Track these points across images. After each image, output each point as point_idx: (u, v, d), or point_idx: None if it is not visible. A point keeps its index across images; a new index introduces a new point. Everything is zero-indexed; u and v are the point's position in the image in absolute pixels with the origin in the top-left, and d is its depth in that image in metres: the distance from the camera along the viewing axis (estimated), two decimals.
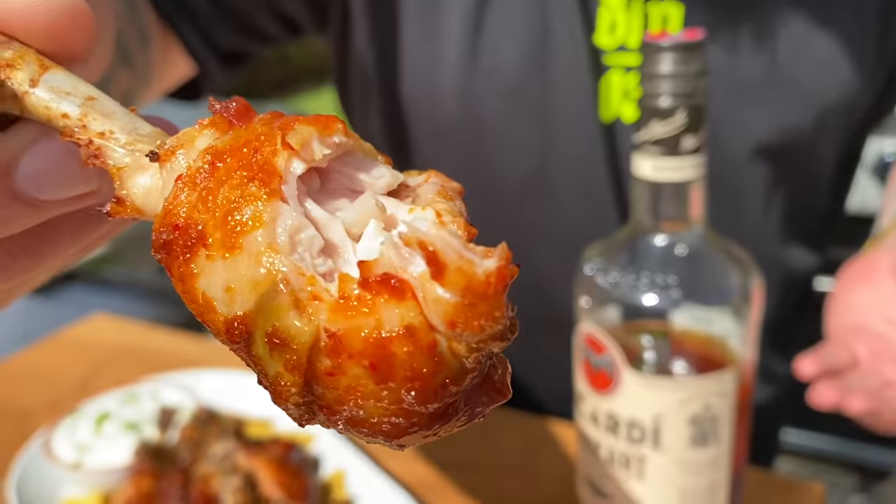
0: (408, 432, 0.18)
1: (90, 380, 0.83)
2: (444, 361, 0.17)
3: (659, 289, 0.41)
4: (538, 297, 0.68)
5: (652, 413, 0.41)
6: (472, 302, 0.17)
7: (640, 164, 0.40)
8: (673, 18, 0.57)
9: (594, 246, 0.44)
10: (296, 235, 0.19)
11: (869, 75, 0.60)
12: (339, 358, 0.17)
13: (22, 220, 0.22)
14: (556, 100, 0.60)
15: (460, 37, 0.61)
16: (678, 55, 0.37)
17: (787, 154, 0.61)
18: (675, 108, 0.38)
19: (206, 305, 0.19)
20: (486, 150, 0.64)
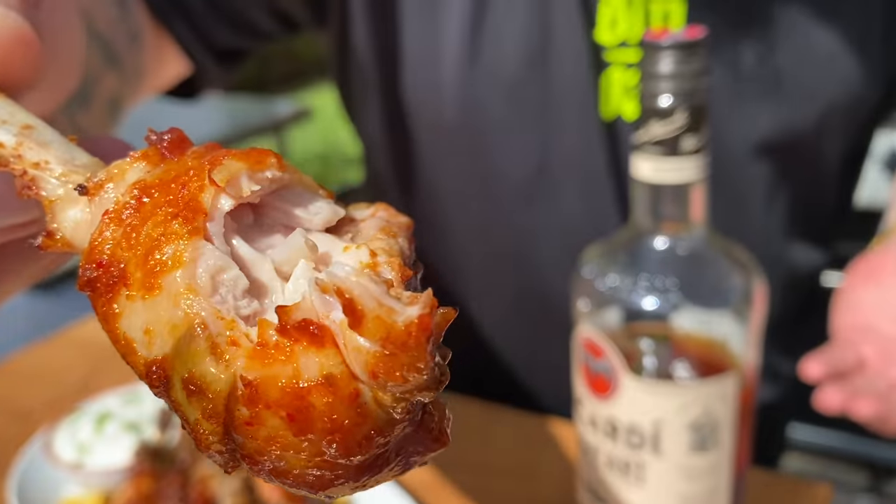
0: (333, 484, 0.17)
1: (91, 379, 0.83)
2: (368, 412, 0.16)
3: (659, 292, 0.40)
4: (539, 296, 0.67)
5: (651, 418, 0.40)
6: (392, 352, 0.16)
7: (640, 165, 0.39)
8: (675, 16, 0.56)
9: (593, 248, 0.43)
10: (217, 276, 0.18)
11: (873, 75, 0.59)
12: (255, 407, 0.17)
13: None
14: (556, 98, 0.59)
15: (460, 35, 0.60)
16: (678, 54, 0.36)
17: (790, 152, 0.60)
18: (675, 108, 0.37)
19: (127, 347, 0.18)
20: (487, 149, 0.63)
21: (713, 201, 0.58)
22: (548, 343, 0.65)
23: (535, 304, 0.66)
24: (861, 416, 0.46)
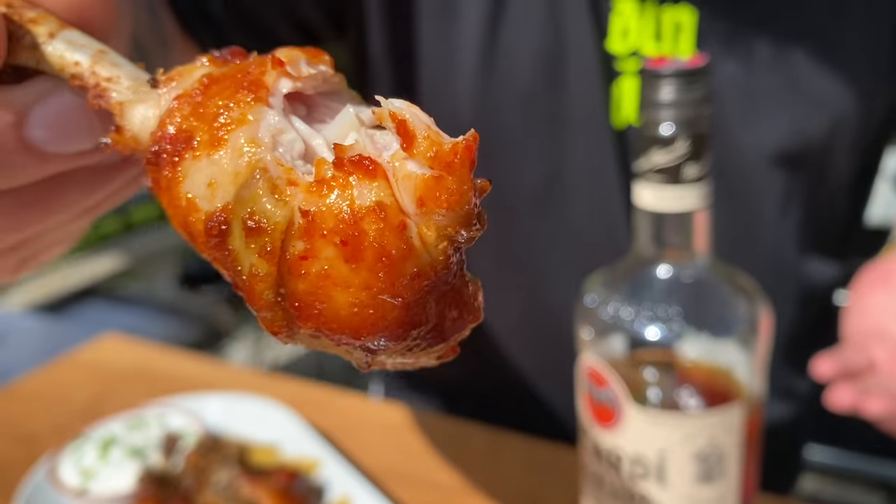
0: (375, 329, 0.17)
1: (98, 403, 0.82)
2: (413, 247, 0.17)
3: (662, 320, 0.40)
4: (549, 305, 0.67)
5: (656, 449, 0.39)
6: (439, 174, 0.17)
7: (642, 193, 0.39)
8: (686, 25, 0.56)
9: (596, 276, 0.43)
10: (278, 136, 0.19)
11: (883, 85, 0.59)
12: (312, 238, 0.17)
13: (31, 170, 0.22)
14: (569, 106, 0.60)
15: (475, 45, 0.61)
16: (680, 82, 0.36)
17: (802, 163, 0.60)
18: (676, 136, 0.37)
19: (189, 207, 0.19)
20: (501, 156, 0.63)
21: (727, 211, 0.58)
22: (558, 355, 0.64)
23: (546, 313, 0.66)
24: (872, 413, 0.45)
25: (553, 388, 0.72)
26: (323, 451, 0.65)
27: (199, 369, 0.89)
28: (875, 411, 0.45)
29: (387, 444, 0.72)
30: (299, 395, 0.80)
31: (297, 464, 0.64)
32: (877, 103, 0.60)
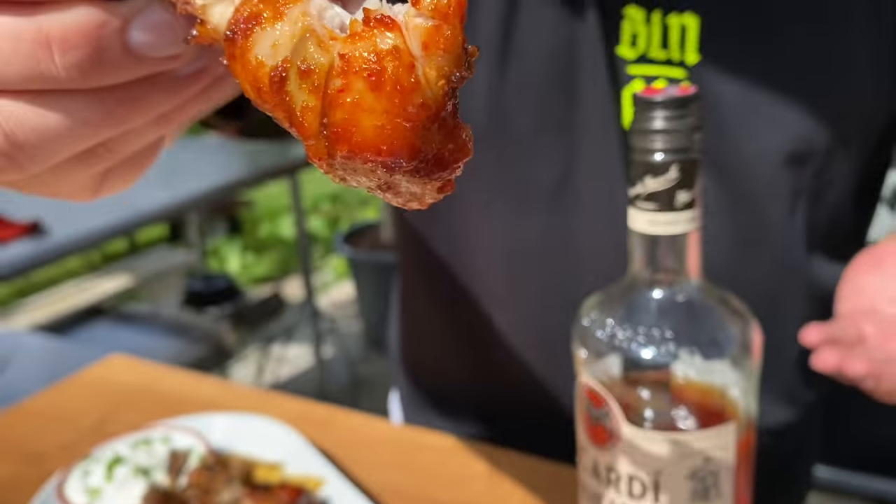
0: (393, 147, 0.24)
1: (105, 423, 0.83)
2: (419, 82, 0.23)
3: (657, 342, 0.41)
4: (564, 296, 0.68)
5: (652, 468, 0.40)
6: (439, 24, 0.23)
7: (635, 218, 0.40)
8: (691, 29, 0.59)
9: (591, 298, 0.44)
10: (323, 12, 0.25)
11: (886, 88, 0.61)
12: (347, 75, 0.23)
13: (129, 70, 0.27)
14: (580, 108, 0.62)
15: (489, 48, 0.63)
16: (671, 110, 0.37)
17: (808, 165, 0.62)
18: (668, 163, 0.38)
19: (258, 65, 0.25)
20: (513, 156, 0.65)
21: (734, 214, 0.60)
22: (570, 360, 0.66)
23: (560, 305, 0.67)
24: (854, 372, 0.46)
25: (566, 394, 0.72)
26: (326, 469, 0.66)
27: (203, 389, 0.90)
28: (858, 370, 0.46)
29: (388, 462, 0.72)
30: (302, 413, 0.81)
31: (301, 481, 0.65)
32: (881, 103, 0.61)
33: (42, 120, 0.27)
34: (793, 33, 0.59)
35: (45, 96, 0.27)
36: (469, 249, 0.73)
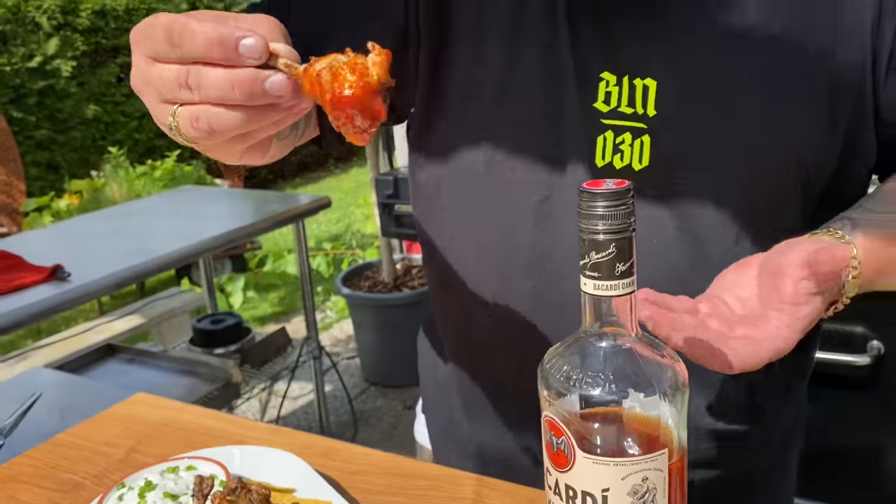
0: (358, 101, 0.50)
1: (133, 454, 0.93)
2: (370, 76, 0.50)
3: (604, 383, 0.50)
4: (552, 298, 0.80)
5: (601, 486, 0.50)
6: (382, 59, 0.52)
7: (585, 282, 0.50)
8: (651, 90, 0.73)
9: (552, 349, 0.54)
10: (336, 59, 0.52)
11: (822, 141, 0.73)
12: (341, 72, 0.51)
13: (263, 99, 0.51)
14: (563, 148, 0.76)
15: (492, 92, 0.78)
16: (610, 201, 0.48)
17: (756, 206, 0.73)
18: (608, 242, 0.48)
19: (317, 77, 0.51)
20: (508, 176, 0.79)
21: (686, 246, 0.74)
22: None
23: (549, 307, 0.79)
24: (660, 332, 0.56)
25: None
26: (333, 495, 0.75)
27: (219, 424, 0.99)
28: (663, 331, 0.55)
29: (386, 489, 0.81)
30: (307, 445, 0.90)
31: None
32: (815, 162, 0.73)
33: (226, 118, 0.52)
34: (735, 94, 0.72)
35: (228, 107, 0.51)
36: (463, 260, 0.86)
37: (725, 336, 0.59)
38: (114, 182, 4.50)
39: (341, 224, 4.98)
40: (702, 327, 0.59)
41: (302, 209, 2.41)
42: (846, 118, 0.72)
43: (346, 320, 4.19)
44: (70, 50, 5.89)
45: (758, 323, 0.61)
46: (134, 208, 2.86)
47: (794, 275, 0.61)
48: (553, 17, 0.75)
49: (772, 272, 0.63)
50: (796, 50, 0.71)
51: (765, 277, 0.63)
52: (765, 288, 0.63)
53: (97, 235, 2.32)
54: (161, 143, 6.68)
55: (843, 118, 0.72)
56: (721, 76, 0.72)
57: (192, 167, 4.78)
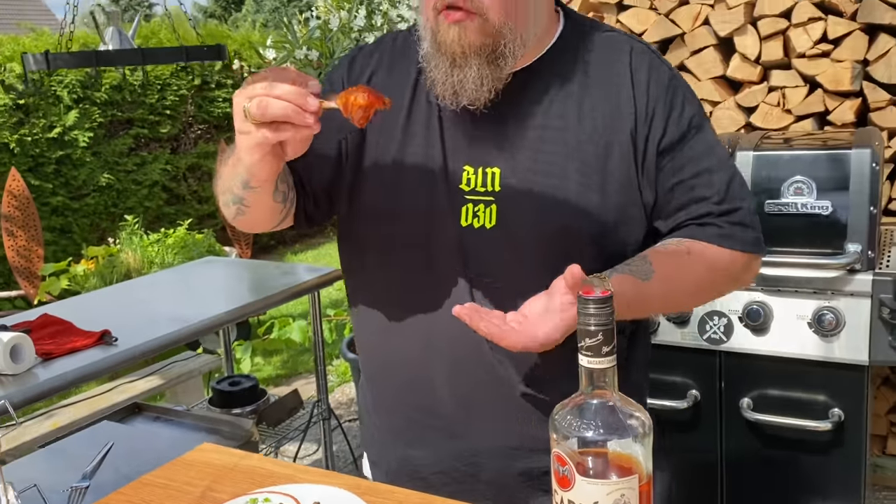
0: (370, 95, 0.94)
1: (210, 492, 1.13)
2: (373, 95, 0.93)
3: (596, 430, 0.73)
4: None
5: (593, 500, 0.72)
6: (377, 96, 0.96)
7: (581, 359, 0.73)
8: (497, 174, 1.10)
9: (559, 405, 0.77)
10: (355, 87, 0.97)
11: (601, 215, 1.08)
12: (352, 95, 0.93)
13: (311, 113, 0.90)
14: (438, 215, 1.12)
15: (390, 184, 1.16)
16: (598, 305, 0.71)
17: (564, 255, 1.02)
18: (597, 331, 0.72)
19: (348, 96, 0.93)
20: (396, 237, 1.16)
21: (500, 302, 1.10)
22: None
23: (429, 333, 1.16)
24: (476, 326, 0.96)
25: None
26: None
27: (276, 468, 1.20)
28: (484, 330, 0.94)
29: None
30: (355, 485, 1.11)
31: None
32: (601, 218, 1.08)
33: (276, 105, 0.89)
34: (549, 177, 1.08)
35: (287, 120, 0.90)
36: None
37: (515, 329, 0.96)
38: (129, 248, 4.72)
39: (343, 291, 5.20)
40: (501, 323, 0.95)
41: (321, 280, 2.64)
42: (620, 200, 1.08)
43: (346, 384, 4.37)
44: (88, 122, 6.19)
45: (538, 321, 0.96)
46: (165, 277, 3.10)
47: (560, 292, 0.94)
48: (429, 128, 1.13)
49: (549, 293, 0.96)
50: (591, 151, 1.08)
51: (546, 295, 0.97)
52: (546, 301, 0.96)
53: (138, 302, 2.54)
54: (169, 210, 6.95)
55: (617, 200, 1.09)
56: (540, 166, 1.09)
57: (202, 235, 5.02)
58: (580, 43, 1.13)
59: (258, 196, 1.08)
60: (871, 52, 2.56)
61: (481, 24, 1.03)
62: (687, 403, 2.33)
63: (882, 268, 2.14)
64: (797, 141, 2.35)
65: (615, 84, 1.10)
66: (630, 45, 1.14)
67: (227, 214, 1.19)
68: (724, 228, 1.09)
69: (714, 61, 2.77)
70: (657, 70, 1.12)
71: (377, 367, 1.29)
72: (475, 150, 1.11)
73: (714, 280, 1.12)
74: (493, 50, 1.04)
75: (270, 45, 2.83)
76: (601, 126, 1.08)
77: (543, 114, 1.10)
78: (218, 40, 5.13)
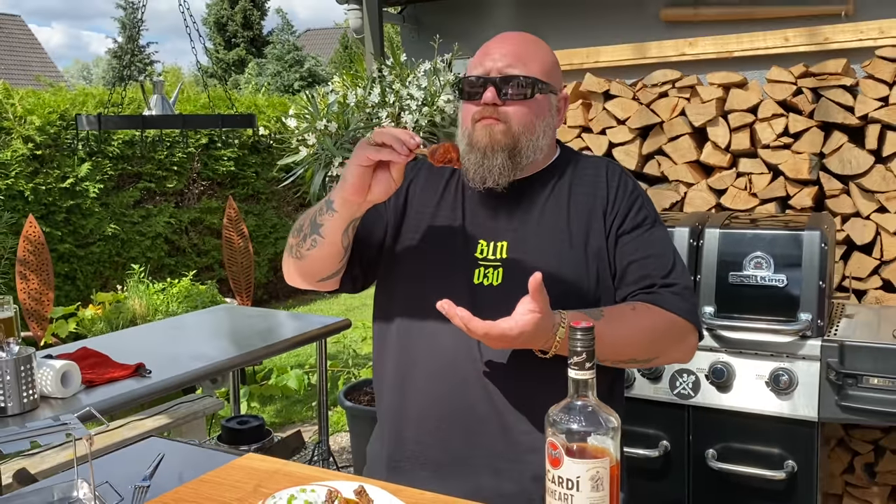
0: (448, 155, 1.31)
1: (260, 488, 1.38)
2: (451, 155, 1.32)
3: (580, 425, 1.00)
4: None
5: (575, 476, 0.98)
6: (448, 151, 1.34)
7: (570, 372, 1.01)
8: (505, 246, 1.45)
9: (554, 406, 1.04)
10: None
11: (582, 278, 1.43)
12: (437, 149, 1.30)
13: (411, 147, 1.26)
14: (456, 272, 1.45)
15: (420, 253, 1.49)
16: (584, 333, 0.99)
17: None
18: (582, 352, 0.99)
19: (439, 148, 1.33)
20: (425, 293, 1.42)
21: None
22: None
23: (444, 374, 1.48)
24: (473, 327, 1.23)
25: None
26: None
27: (314, 473, 1.45)
28: (474, 326, 1.22)
29: None
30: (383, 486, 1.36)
31: None
32: (584, 282, 1.43)
33: (385, 152, 1.25)
34: (544, 251, 1.42)
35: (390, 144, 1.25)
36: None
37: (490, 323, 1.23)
38: (135, 295, 4.95)
39: (339, 344, 5.43)
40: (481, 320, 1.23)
41: (328, 329, 2.90)
42: (596, 268, 1.43)
43: (339, 433, 4.57)
44: (99, 174, 6.49)
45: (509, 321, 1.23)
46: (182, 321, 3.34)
47: (526, 302, 1.23)
48: (454, 210, 1.49)
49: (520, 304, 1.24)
50: (575, 232, 1.44)
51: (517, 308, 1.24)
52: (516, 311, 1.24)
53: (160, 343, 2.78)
54: (170, 261, 7.20)
55: (594, 267, 1.43)
56: (538, 242, 1.44)
57: (205, 286, 5.26)
58: (571, 162, 1.55)
59: (335, 223, 1.37)
60: (827, 146, 2.92)
61: (505, 128, 1.43)
62: (658, 452, 2.58)
63: (830, 335, 2.43)
64: (761, 222, 2.67)
65: (594, 188, 1.49)
66: (606, 163, 1.54)
67: (295, 254, 1.47)
68: (664, 296, 1.41)
69: (689, 148, 3.11)
70: (625, 182, 1.51)
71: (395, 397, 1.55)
72: (489, 229, 1.47)
73: (655, 331, 1.39)
74: (513, 148, 1.43)
75: (293, 115, 3.15)
76: (584, 214, 1.46)
77: (542, 205, 1.48)
78: (225, 102, 5.45)
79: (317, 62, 21.40)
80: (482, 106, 1.42)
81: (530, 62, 1.45)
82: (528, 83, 1.43)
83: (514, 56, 1.44)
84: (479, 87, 1.43)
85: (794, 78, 2.95)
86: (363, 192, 1.29)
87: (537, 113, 1.45)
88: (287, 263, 1.52)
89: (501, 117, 1.42)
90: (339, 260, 1.46)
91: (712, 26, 3.33)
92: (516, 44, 1.47)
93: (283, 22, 23.42)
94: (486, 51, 1.48)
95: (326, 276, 1.49)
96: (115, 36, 26.54)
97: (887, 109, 2.79)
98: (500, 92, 1.42)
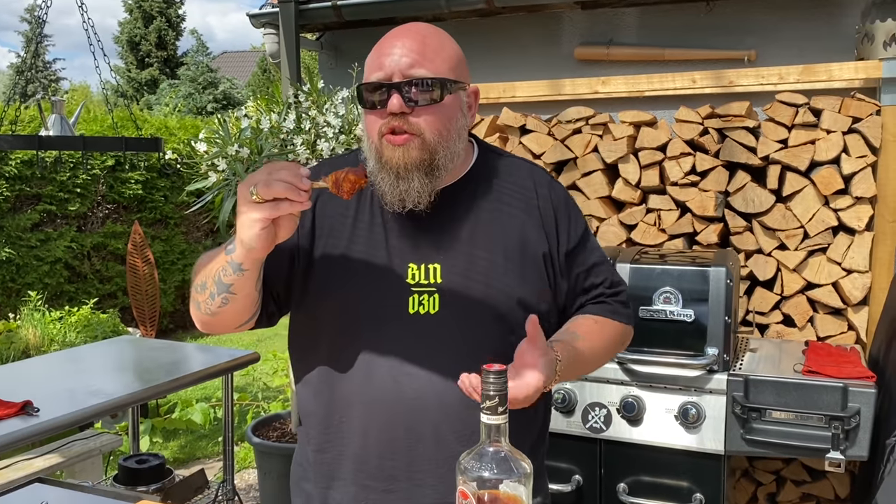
0: (351, 174, 1.18)
1: None
2: (358, 180, 1.18)
3: (491, 472, 0.97)
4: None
5: None
6: (358, 177, 1.20)
7: (483, 417, 0.98)
8: (438, 269, 1.34)
9: (465, 453, 1.00)
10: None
11: (522, 296, 1.37)
12: (340, 180, 1.18)
13: (303, 190, 1.13)
14: (389, 305, 1.34)
15: (344, 281, 1.37)
16: (495, 375, 0.96)
17: (500, 328, 1.35)
18: (494, 396, 0.96)
19: (336, 178, 1.18)
20: (353, 322, 1.37)
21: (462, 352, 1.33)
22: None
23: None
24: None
25: None
26: None
27: None
28: (514, 396, 1.12)
29: None
30: None
31: None
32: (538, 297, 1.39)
33: (284, 206, 1.12)
34: (483, 270, 1.35)
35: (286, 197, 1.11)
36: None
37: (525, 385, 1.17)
38: (29, 324, 4.67)
39: (249, 376, 5.25)
40: None
41: (235, 363, 2.79)
42: (536, 283, 1.38)
43: (245, 470, 4.40)
44: None
45: (535, 374, 1.18)
46: (80, 353, 3.15)
47: (532, 349, 1.20)
48: (372, 232, 1.35)
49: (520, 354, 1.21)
50: (510, 246, 1.36)
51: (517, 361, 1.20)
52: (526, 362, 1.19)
53: (53, 377, 2.60)
54: (70, 288, 6.84)
55: (533, 283, 1.37)
56: (474, 260, 1.36)
57: (107, 315, 5.01)
58: (493, 165, 1.43)
59: (245, 281, 1.23)
60: (731, 184, 3.02)
61: (420, 143, 1.27)
62: (571, 487, 2.58)
63: (736, 369, 2.49)
64: (669, 257, 2.73)
65: (524, 196, 1.40)
66: (530, 168, 1.47)
67: (205, 311, 1.31)
68: (613, 306, 1.45)
69: (601, 183, 3.17)
70: (555, 188, 1.45)
71: (330, 434, 1.42)
72: (417, 251, 1.34)
73: (614, 342, 1.46)
74: (430, 163, 1.28)
75: (203, 139, 3.05)
76: (517, 226, 1.38)
77: (471, 219, 1.36)
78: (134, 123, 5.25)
79: (232, 85, 21.03)
80: (388, 116, 1.26)
81: (436, 58, 1.28)
82: (436, 84, 1.26)
83: (417, 53, 1.27)
84: (382, 93, 1.26)
85: (700, 118, 3.05)
86: (272, 245, 1.17)
87: (450, 116, 1.29)
88: (197, 318, 1.36)
89: (412, 129, 1.26)
90: (255, 305, 1.33)
91: (624, 66, 3.42)
92: (417, 38, 1.29)
93: (198, 43, 22.91)
94: (383, 49, 1.29)
95: (243, 322, 1.35)
96: (19, 50, 25.40)
97: (786, 151, 2.92)
98: (405, 98, 1.25)
